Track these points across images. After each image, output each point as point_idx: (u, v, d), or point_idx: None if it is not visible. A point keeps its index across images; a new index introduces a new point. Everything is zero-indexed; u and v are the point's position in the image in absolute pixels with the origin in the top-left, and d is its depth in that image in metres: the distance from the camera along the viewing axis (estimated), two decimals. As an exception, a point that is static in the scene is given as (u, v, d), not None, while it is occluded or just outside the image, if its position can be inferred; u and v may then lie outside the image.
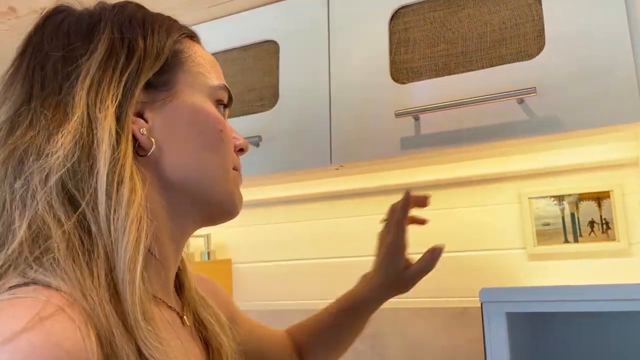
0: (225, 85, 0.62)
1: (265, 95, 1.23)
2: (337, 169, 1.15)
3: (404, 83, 1.06)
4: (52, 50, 0.52)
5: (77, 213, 0.46)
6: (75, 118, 0.48)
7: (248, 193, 1.47)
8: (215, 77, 0.62)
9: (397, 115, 1.02)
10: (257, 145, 1.19)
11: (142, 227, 0.47)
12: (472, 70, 0.99)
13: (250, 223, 1.52)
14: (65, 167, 0.46)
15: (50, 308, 0.40)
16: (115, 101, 0.50)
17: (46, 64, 0.52)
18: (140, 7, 0.60)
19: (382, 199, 1.36)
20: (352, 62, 1.11)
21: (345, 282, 1.37)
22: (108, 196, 0.46)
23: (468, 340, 1.24)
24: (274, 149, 1.17)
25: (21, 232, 0.44)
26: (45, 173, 0.46)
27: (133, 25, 0.56)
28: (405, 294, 0.88)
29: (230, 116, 1.24)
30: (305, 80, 1.17)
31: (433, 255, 0.83)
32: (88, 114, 0.48)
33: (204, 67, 0.61)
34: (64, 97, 0.49)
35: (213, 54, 0.66)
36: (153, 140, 0.54)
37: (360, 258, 1.37)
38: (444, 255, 0.84)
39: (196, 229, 0.62)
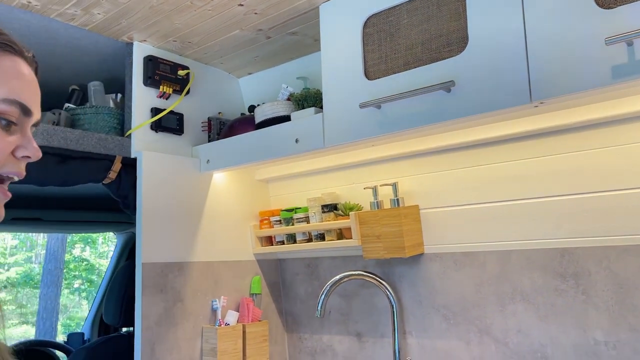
0: (15, 101, 0.67)
1: (453, 40, 1.24)
2: (536, 106, 1.13)
3: (611, 7, 1.00)
4: None
5: None
6: None
7: (434, 140, 1.50)
8: (6, 90, 0.66)
9: (608, 42, 0.96)
10: (448, 90, 1.21)
11: None
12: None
13: (437, 169, 1.55)
14: None
15: None
16: None
17: None
18: None
19: (584, 134, 1.30)
20: (549, -7, 1.07)
21: (540, 223, 1.36)
22: None
23: (690, 277, 1.17)
24: (467, 92, 1.18)
25: None
26: None
27: None
28: (613, 231, 0.85)
29: (417, 65, 1.27)
30: (496, 18, 1.15)
31: None
32: None
33: (1, 80, 0.66)
34: None
35: (395, 6, 0.68)
36: None
37: (555, 198, 1.34)
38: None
39: None
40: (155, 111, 1.67)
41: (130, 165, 1.61)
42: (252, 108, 1.80)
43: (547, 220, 1.36)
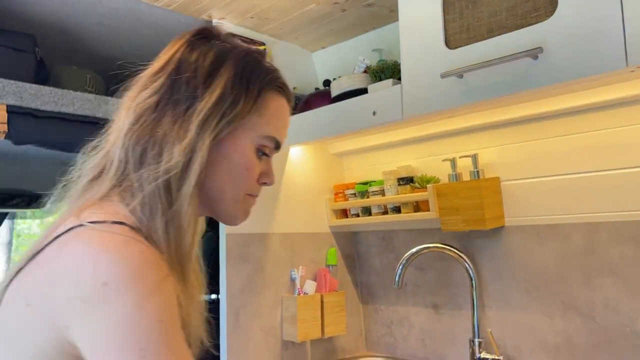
0: (274, 138, 0.82)
1: (540, 5, 1.19)
2: (632, 71, 1.08)
3: None
4: (185, 71, 0.77)
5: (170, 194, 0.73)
6: (187, 141, 0.73)
7: (516, 110, 1.46)
8: (271, 129, 0.81)
9: None
10: (535, 57, 1.17)
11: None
12: None
13: (519, 140, 1.51)
14: (173, 171, 0.72)
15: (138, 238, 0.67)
16: (212, 138, 0.75)
17: (180, 78, 0.76)
18: (256, 59, 0.81)
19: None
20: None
21: (632, 194, 1.30)
22: (182, 176, 0.73)
23: None
24: (556, 58, 1.14)
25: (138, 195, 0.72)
26: (158, 171, 0.72)
27: (244, 78, 0.78)
28: None
29: (502, 32, 1.23)
30: (590, -21, 1.10)
31: None
32: (195, 142, 0.73)
33: (268, 117, 0.80)
34: (185, 120, 0.74)
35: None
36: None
37: (649, 167, 1.28)
38: None
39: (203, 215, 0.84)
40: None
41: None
42: (327, 82, 1.81)
43: (628, 191, 1.30)
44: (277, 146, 0.84)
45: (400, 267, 1.58)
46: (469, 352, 1.55)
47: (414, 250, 1.59)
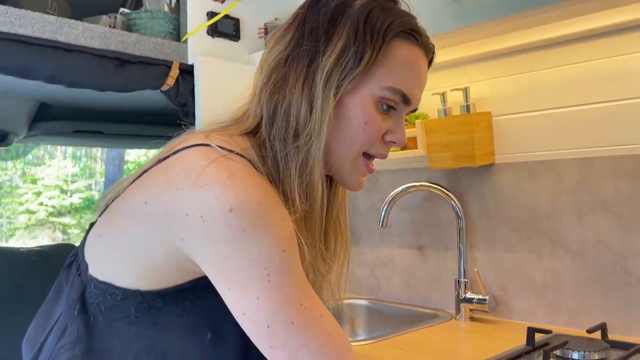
0: (399, 90, 0.74)
1: None
2: (641, -14, 0.99)
3: None
4: (308, 22, 0.74)
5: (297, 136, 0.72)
6: (312, 100, 0.71)
7: (510, 39, 1.38)
8: (393, 79, 0.74)
9: None
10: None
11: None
12: None
13: (512, 72, 1.43)
14: (301, 132, 0.72)
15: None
16: (336, 94, 0.72)
17: (304, 31, 0.74)
18: (384, 4, 0.74)
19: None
20: None
21: (630, 126, 1.24)
22: (309, 134, 0.72)
23: None
24: (558, -26, 1.05)
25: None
26: (288, 130, 0.72)
27: (368, 25, 0.71)
28: None
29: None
30: None
31: None
32: (319, 100, 0.71)
33: (391, 67, 0.74)
34: (308, 76, 0.72)
35: None
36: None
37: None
38: None
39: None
40: (211, 15, 1.60)
41: (187, 72, 1.57)
42: (310, 12, 1.70)
43: (637, 123, 1.24)
44: (405, 100, 0.76)
45: (385, 206, 1.52)
46: (455, 292, 1.51)
47: (399, 188, 1.53)
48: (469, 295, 1.48)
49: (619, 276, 1.27)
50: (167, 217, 0.63)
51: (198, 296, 0.68)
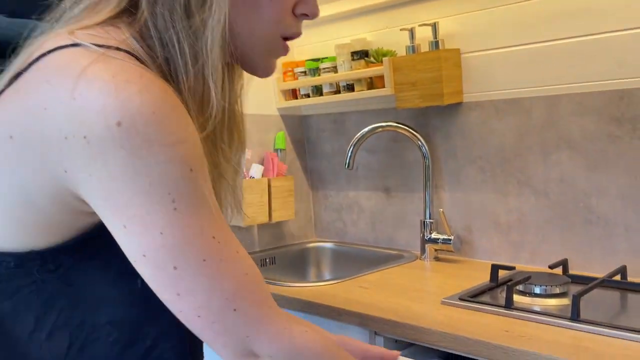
0: None
1: None
2: None
3: None
4: None
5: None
6: None
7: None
8: None
9: None
10: None
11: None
12: None
13: (482, 6, 1.38)
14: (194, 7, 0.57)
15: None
16: None
17: None
18: None
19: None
20: None
21: (597, 63, 1.22)
22: (209, 4, 0.57)
23: None
24: None
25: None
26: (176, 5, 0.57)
27: None
28: None
29: None
30: None
31: None
32: None
33: None
34: None
35: None
36: None
37: (617, 33, 1.19)
38: None
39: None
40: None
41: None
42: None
43: (606, 59, 1.22)
44: None
45: (352, 147, 1.49)
46: (420, 234, 1.51)
47: (366, 129, 1.49)
48: (434, 235, 1.48)
49: (581, 214, 1.28)
50: (42, 146, 0.50)
51: (113, 242, 0.53)
